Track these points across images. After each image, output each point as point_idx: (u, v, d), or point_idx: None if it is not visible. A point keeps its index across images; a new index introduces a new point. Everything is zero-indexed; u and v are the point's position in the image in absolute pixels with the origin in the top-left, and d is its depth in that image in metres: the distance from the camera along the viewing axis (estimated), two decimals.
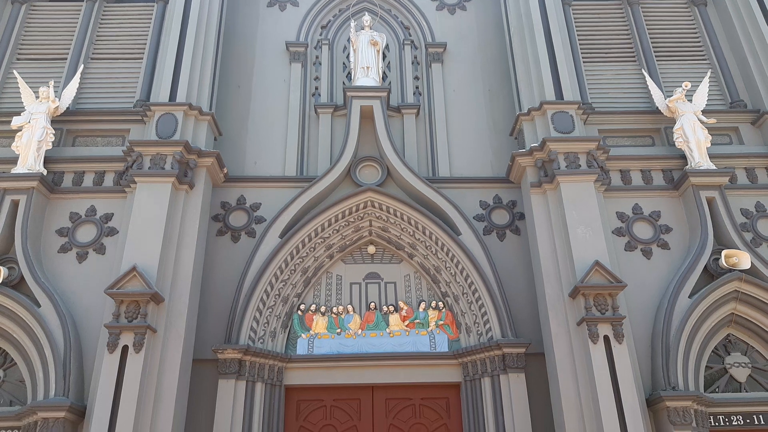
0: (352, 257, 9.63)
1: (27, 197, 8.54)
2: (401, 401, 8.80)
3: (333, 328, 9.10)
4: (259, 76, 10.88)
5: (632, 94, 10.36)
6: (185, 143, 8.77)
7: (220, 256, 9.19)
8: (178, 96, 9.33)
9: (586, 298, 7.91)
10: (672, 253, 8.82)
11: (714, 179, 8.95)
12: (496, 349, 8.43)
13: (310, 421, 8.65)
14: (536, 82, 9.73)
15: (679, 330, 7.95)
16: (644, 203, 9.18)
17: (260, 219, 9.47)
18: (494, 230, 9.51)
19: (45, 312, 7.87)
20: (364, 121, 9.95)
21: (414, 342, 9.03)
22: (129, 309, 7.70)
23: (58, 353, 7.61)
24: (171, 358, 7.77)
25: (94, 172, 9.14)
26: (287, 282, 9.08)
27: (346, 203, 9.38)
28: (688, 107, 9.51)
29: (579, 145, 8.97)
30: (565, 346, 7.99)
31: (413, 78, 11.00)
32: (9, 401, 7.96)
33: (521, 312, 8.84)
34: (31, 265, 8.15)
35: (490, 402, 8.31)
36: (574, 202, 8.60)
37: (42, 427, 7.18)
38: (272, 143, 10.20)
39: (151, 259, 8.05)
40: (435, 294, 9.37)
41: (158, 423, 7.40)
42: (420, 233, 9.32)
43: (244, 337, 8.44)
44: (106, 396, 7.29)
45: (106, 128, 9.58)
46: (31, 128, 8.94)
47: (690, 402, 7.55)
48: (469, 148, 10.27)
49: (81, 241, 8.66)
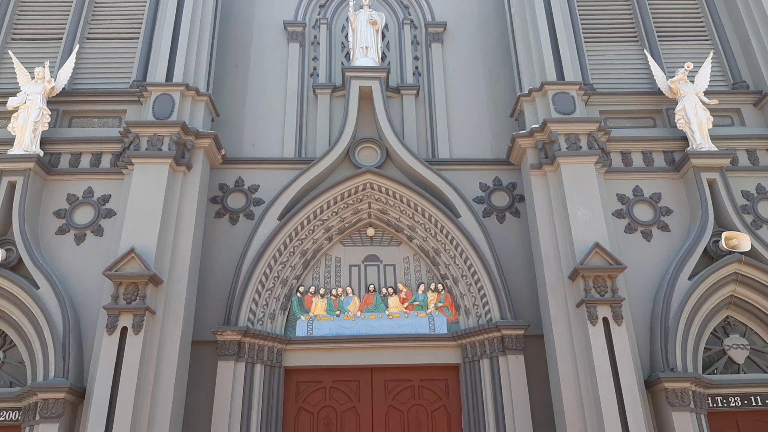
0: (351, 240, 9.60)
1: (24, 179, 8.48)
2: (400, 383, 8.83)
3: (332, 310, 9.10)
4: (256, 56, 10.76)
5: (634, 74, 10.27)
6: (182, 124, 8.69)
7: (219, 238, 9.16)
8: (175, 76, 9.23)
9: (585, 280, 7.90)
10: (672, 235, 8.79)
11: (715, 161, 8.90)
12: (495, 331, 8.45)
13: (309, 402, 8.69)
14: (537, 63, 9.62)
15: (678, 312, 7.95)
16: (645, 185, 9.14)
17: (259, 201, 9.43)
18: (494, 212, 9.47)
19: (44, 294, 7.86)
20: (363, 102, 9.86)
21: (413, 324, 9.04)
22: (127, 291, 7.69)
23: (57, 335, 7.61)
24: (170, 339, 7.78)
25: (90, 153, 9.07)
26: (286, 264, 9.07)
27: (344, 185, 9.34)
28: (690, 88, 9.42)
29: (580, 126, 8.90)
30: (564, 327, 8.00)
31: (413, 58, 10.89)
32: (9, 382, 7.99)
33: (520, 294, 8.84)
34: (29, 247, 8.13)
35: (489, 383, 8.34)
36: (574, 184, 8.56)
37: (42, 407, 7.20)
38: (270, 124, 10.12)
39: (149, 240, 8.02)
40: (434, 276, 9.37)
41: (158, 404, 7.43)
42: (419, 215, 9.28)
43: (243, 319, 8.45)
44: (106, 377, 7.30)
45: (103, 109, 9.50)
46: (27, 109, 8.87)
47: (688, 383, 7.57)
48: (469, 130, 10.20)
49: (78, 223, 8.63)
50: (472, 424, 8.32)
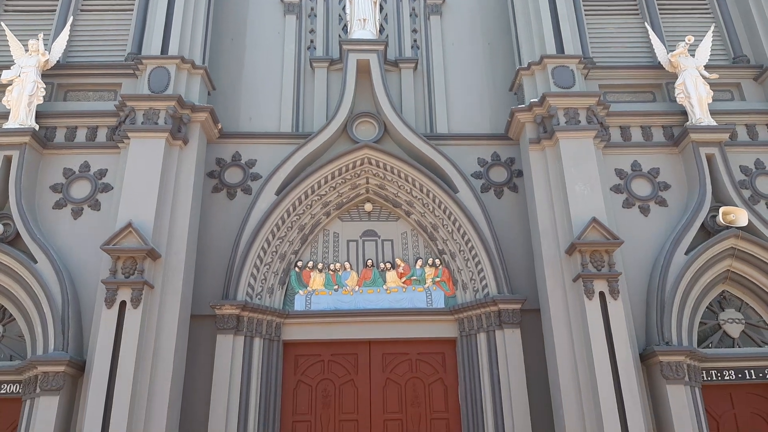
0: (349, 215, 9.60)
1: (20, 153, 8.43)
2: (398, 356, 8.91)
3: (330, 284, 9.14)
4: (252, 28, 10.61)
5: (634, 48, 10.18)
6: (178, 97, 8.61)
7: (217, 212, 9.15)
8: (170, 49, 9.11)
9: (582, 255, 7.93)
10: (670, 210, 8.80)
11: (714, 136, 8.87)
12: (491, 305, 8.49)
13: (308, 375, 8.77)
14: (537, 36, 9.52)
15: (674, 286, 8.00)
16: (643, 160, 9.12)
17: (256, 176, 9.39)
18: (492, 187, 9.46)
19: (42, 268, 7.87)
20: (361, 75, 9.76)
21: (411, 298, 9.09)
22: (126, 265, 7.71)
23: (56, 308, 7.64)
24: (169, 313, 7.82)
25: (86, 127, 8.99)
26: (284, 239, 9.07)
27: (342, 160, 9.29)
28: (690, 62, 9.35)
29: (579, 100, 8.84)
30: (560, 302, 8.05)
31: (411, 31, 10.76)
32: (9, 356, 8.04)
33: (517, 269, 8.88)
34: (26, 222, 8.11)
35: (485, 357, 8.42)
36: (572, 159, 8.53)
37: (42, 380, 7.26)
38: (267, 98, 10.02)
39: (146, 215, 8.01)
40: (432, 251, 9.39)
41: (157, 377, 7.49)
42: (417, 191, 9.27)
43: (242, 293, 8.48)
44: (105, 350, 7.35)
45: (98, 82, 9.39)
46: (21, 82, 8.78)
47: (683, 357, 7.66)
48: (467, 104, 10.12)
49: (75, 197, 8.60)
50: (468, 396, 8.41)
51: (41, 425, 7.08)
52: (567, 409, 7.55)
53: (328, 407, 8.62)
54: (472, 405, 8.36)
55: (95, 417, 7.06)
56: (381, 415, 8.58)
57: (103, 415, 7.08)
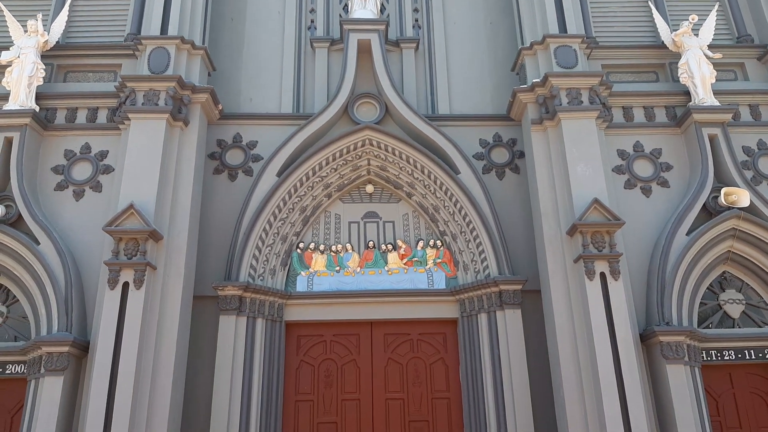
0: (350, 196, 9.60)
1: (20, 134, 8.41)
2: (399, 336, 8.97)
3: (332, 266, 9.17)
4: (252, 7, 10.51)
5: (637, 27, 10.07)
6: (178, 78, 8.56)
7: (218, 194, 9.15)
8: (170, 29, 9.04)
9: (583, 236, 7.94)
10: (671, 191, 8.79)
11: (717, 116, 8.82)
12: (492, 286, 8.53)
13: (310, 356, 8.84)
14: (539, 15, 9.43)
15: (675, 267, 8.02)
16: (646, 140, 9.09)
17: (257, 157, 9.37)
18: (493, 169, 9.44)
19: (44, 249, 7.90)
20: (362, 55, 9.69)
21: (412, 279, 9.12)
22: (128, 246, 7.73)
23: (59, 289, 7.68)
24: (172, 294, 7.86)
25: (86, 108, 8.95)
26: (286, 220, 9.09)
27: (343, 141, 9.27)
28: (694, 41, 9.27)
29: (582, 80, 8.78)
30: (561, 282, 8.08)
31: (413, 10, 10.65)
32: (14, 337, 8.11)
33: (518, 250, 8.90)
34: (28, 203, 8.12)
35: (486, 337, 8.48)
36: (574, 139, 8.50)
37: (47, 360, 7.33)
38: (267, 79, 9.96)
39: (148, 196, 8.01)
40: (433, 233, 9.40)
41: (161, 357, 7.56)
42: (419, 172, 9.25)
43: (244, 275, 8.51)
44: (109, 331, 7.41)
45: (97, 63, 9.33)
46: (20, 63, 8.73)
47: (683, 337, 7.70)
48: (469, 85, 10.06)
49: (77, 178, 8.60)
50: (469, 376, 8.48)
51: (46, 405, 7.17)
52: (567, 389, 7.62)
53: (330, 387, 8.70)
54: (473, 384, 8.43)
55: (99, 396, 7.14)
56: (383, 394, 8.66)
57: (107, 394, 7.15)
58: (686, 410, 7.37)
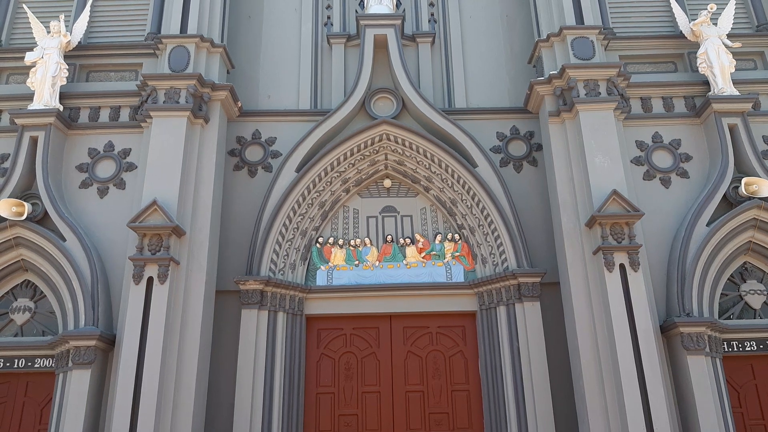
0: (368, 191, 9.66)
1: (45, 133, 8.59)
2: (418, 329, 9.04)
3: (351, 260, 9.25)
4: (269, 5, 10.60)
5: (655, 18, 10.00)
6: (198, 76, 8.68)
7: (238, 190, 9.27)
8: (189, 28, 9.17)
9: (602, 228, 7.93)
10: (691, 181, 8.74)
11: (737, 105, 8.74)
12: (511, 279, 8.55)
13: (330, 349, 8.94)
14: (556, 6, 9.40)
15: (695, 258, 7.98)
16: (664, 131, 9.03)
17: (276, 153, 9.48)
18: (511, 162, 9.45)
19: (70, 246, 8.07)
20: (378, 51, 9.74)
21: (430, 273, 9.17)
22: (152, 242, 7.88)
23: (85, 285, 7.85)
24: (195, 288, 8.00)
25: (109, 107, 9.13)
26: (305, 216, 9.18)
27: (361, 137, 9.33)
28: (712, 31, 9.18)
29: (599, 71, 8.75)
30: (580, 274, 8.08)
31: (428, 4, 10.66)
32: (42, 331, 8.29)
33: (536, 242, 8.91)
34: (54, 201, 8.30)
35: (505, 330, 8.50)
36: (592, 131, 8.48)
37: (74, 354, 7.50)
38: (285, 76, 10.06)
39: (170, 193, 8.15)
40: (451, 226, 9.44)
41: (185, 350, 7.70)
42: (436, 166, 9.29)
43: (265, 269, 8.63)
44: (135, 324, 7.57)
45: (119, 62, 9.49)
46: (44, 64, 8.90)
47: (704, 328, 7.67)
48: (485, 78, 10.07)
49: (101, 176, 8.77)
50: (489, 368, 8.53)
51: (74, 397, 7.35)
52: (587, 381, 7.63)
53: (351, 379, 8.79)
54: (492, 377, 8.47)
55: (126, 389, 7.30)
56: (402, 386, 8.74)
57: (134, 387, 7.31)
58: (707, 402, 7.35)
